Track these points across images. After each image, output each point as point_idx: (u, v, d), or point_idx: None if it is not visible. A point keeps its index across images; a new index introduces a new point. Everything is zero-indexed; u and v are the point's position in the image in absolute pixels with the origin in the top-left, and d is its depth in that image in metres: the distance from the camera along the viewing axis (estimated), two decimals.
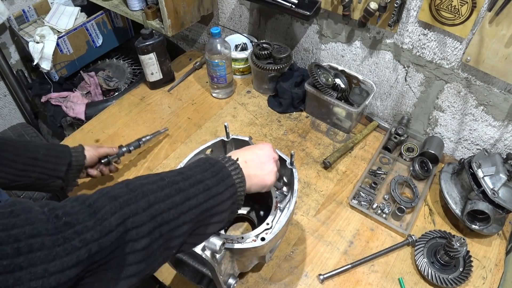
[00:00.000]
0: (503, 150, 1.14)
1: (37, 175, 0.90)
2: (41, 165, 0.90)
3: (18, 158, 0.87)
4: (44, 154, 0.92)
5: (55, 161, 0.93)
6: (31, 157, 0.89)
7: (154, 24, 1.46)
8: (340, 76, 1.31)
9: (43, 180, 0.92)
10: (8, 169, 0.85)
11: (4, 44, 1.89)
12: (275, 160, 0.78)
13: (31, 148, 0.91)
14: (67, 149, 0.98)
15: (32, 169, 0.89)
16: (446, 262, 0.95)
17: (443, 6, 0.97)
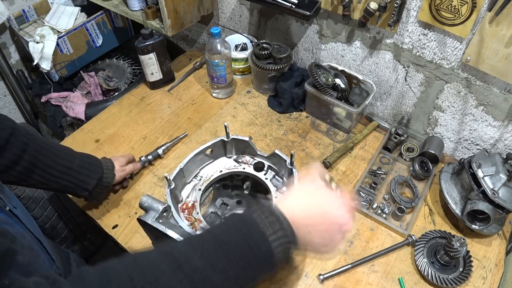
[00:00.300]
0: (503, 150, 1.14)
1: (67, 183, 0.92)
2: (73, 175, 0.92)
3: (54, 165, 0.89)
4: (78, 165, 0.94)
5: (87, 174, 0.95)
6: (65, 166, 0.91)
7: (154, 24, 1.46)
8: (340, 76, 1.31)
9: (71, 188, 0.94)
10: (43, 173, 0.87)
11: (4, 44, 1.89)
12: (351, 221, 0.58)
13: (67, 157, 0.93)
14: (100, 165, 0.99)
15: (64, 177, 0.91)
16: (446, 262, 0.95)
17: (443, 6, 0.97)
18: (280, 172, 0.94)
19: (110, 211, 1.10)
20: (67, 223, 1.60)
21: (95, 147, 1.28)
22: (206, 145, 0.93)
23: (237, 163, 0.97)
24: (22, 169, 0.84)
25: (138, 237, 1.05)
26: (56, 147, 0.93)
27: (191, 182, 0.94)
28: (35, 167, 0.86)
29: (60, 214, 1.56)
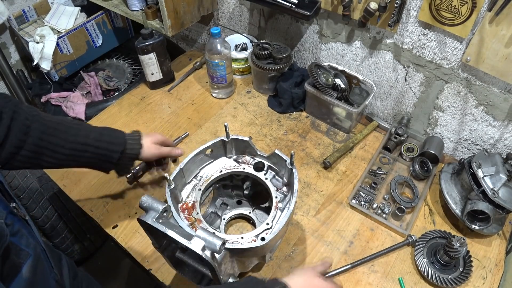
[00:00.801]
0: (503, 150, 1.14)
1: (87, 160, 0.87)
2: (91, 150, 0.86)
3: (66, 144, 0.83)
4: (96, 139, 0.87)
5: (106, 147, 0.88)
6: (80, 142, 0.84)
7: (154, 24, 1.46)
8: (340, 76, 1.31)
9: (94, 164, 0.89)
10: (55, 154, 0.82)
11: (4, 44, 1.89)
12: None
13: (81, 132, 0.86)
14: (122, 135, 0.92)
15: (81, 154, 0.85)
16: (446, 262, 0.95)
17: (443, 6, 0.97)
18: (280, 172, 0.94)
19: (110, 211, 1.10)
20: (67, 223, 1.60)
21: None
22: (206, 145, 0.93)
23: (237, 163, 0.97)
24: (28, 153, 0.79)
25: (138, 237, 1.05)
26: (67, 123, 0.86)
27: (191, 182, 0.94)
28: (44, 149, 0.80)
29: (60, 214, 1.56)
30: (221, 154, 0.99)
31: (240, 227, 1.07)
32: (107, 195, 1.14)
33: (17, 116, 0.77)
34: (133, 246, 1.03)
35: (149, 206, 0.74)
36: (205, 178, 0.94)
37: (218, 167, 0.97)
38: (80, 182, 1.17)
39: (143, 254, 1.01)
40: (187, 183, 0.94)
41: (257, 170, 0.95)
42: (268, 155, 0.95)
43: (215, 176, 0.95)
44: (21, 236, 0.62)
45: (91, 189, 1.15)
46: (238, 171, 0.96)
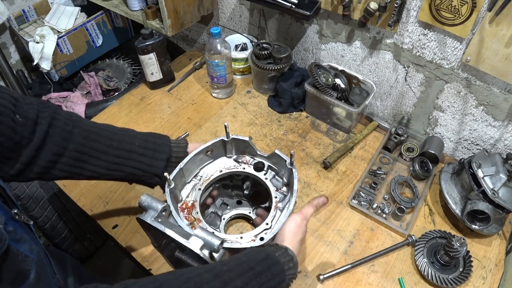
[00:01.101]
0: (503, 150, 1.14)
1: (131, 169, 0.80)
2: (136, 158, 0.79)
3: (111, 150, 0.77)
4: (140, 146, 0.80)
5: (152, 155, 0.81)
6: (125, 149, 0.78)
7: (154, 24, 1.46)
8: (340, 76, 1.31)
9: (137, 176, 0.82)
10: (98, 162, 0.77)
11: (4, 44, 1.89)
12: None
13: (126, 139, 0.80)
14: (167, 142, 0.85)
15: (125, 162, 0.79)
16: (446, 262, 0.95)
17: (443, 6, 0.97)
18: (280, 172, 0.94)
19: (110, 211, 1.10)
20: (67, 223, 1.60)
21: None
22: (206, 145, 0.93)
23: (237, 163, 0.97)
24: (70, 160, 0.74)
25: (138, 237, 1.05)
26: (111, 129, 0.80)
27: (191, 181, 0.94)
28: (86, 155, 0.75)
29: (60, 214, 1.56)
30: (221, 154, 0.98)
31: (240, 227, 1.07)
32: (107, 195, 1.14)
33: (56, 122, 0.72)
34: (133, 246, 1.03)
35: (148, 205, 0.74)
36: (205, 177, 0.94)
37: (218, 167, 0.97)
38: (80, 182, 1.17)
39: (143, 254, 1.01)
40: (187, 182, 0.94)
41: (257, 170, 0.95)
42: (268, 155, 0.95)
43: (215, 176, 0.95)
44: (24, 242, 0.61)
45: (91, 189, 1.15)
46: (238, 171, 0.96)
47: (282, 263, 0.67)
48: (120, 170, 0.79)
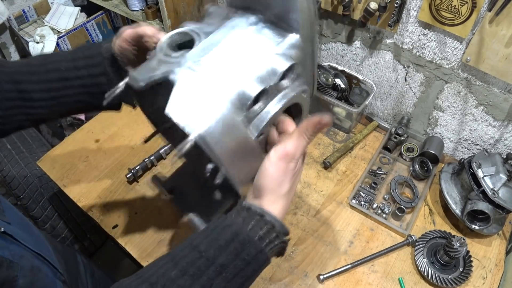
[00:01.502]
0: (503, 150, 1.14)
1: (74, 97, 0.67)
2: (71, 84, 0.66)
3: (40, 86, 0.66)
4: (69, 68, 0.66)
5: (88, 73, 0.66)
6: (54, 80, 0.66)
7: (154, 24, 1.46)
8: (340, 76, 1.31)
9: (86, 102, 0.69)
10: (35, 103, 0.66)
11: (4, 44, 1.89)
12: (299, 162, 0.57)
13: (50, 67, 0.66)
14: (98, 51, 0.67)
15: (64, 93, 0.67)
16: (446, 262, 0.95)
17: (443, 6, 0.97)
18: None
19: (110, 211, 1.10)
20: (67, 223, 1.60)
21: (95, 147, 1.28)
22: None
23: None
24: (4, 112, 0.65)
25: (138, 237, 1.05)
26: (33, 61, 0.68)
27: None
28: (20, 100, 0.65)
29: (60, 214, 1.56)
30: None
31: None
32: (107, 195, 1.14)
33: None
34: (133, 246, 1.03)
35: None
36: None
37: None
38: (80, 182, 1.17)
39: (143, 254, 1.01)
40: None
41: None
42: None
43: None
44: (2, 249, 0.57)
45: (91, 189, 1.16)
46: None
47: (258, 240, 0.49)
48: (65, 103, 0.68)
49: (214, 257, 0.47)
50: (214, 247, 0.48)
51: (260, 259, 0.49)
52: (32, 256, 0.63)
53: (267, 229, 0.50)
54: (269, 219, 0.51)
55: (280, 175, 0.52)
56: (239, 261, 0.48)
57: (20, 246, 0.60)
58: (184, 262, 0.48)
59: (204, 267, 0.47)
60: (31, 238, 0.66)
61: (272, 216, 0.51)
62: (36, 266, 0.62)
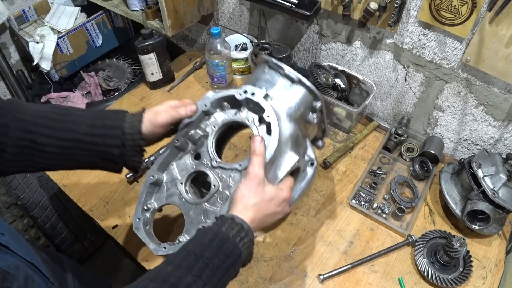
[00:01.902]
0: (503, 150, 1.14)
1: (82, 157, 0.71)
2: (84, 147, 0.69)
3: (52, 141, 0.68)
4: (86, 133, 0.69)
5: (102, 142, 0.70)
6: (68, 139, 0.68)
7: (154, 24, 1.46)
8: (340, 76, 1.31)
9: (94, 164, 0.73)
10: (42, 154, 0.68)
11: (4, 44, 1.89)
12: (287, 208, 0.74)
13: (68, 126, 0.69)
14: (119, 124, 0.71)
15: (74, 152, 0.70)
16: (446, 262, 0.95)
17: (443, 6, 0.97)
18: None
19: (110, 211, 1.10)
20: (67, 223, 1.60)
21: None
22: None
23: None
24: (12, 156, 0.67)
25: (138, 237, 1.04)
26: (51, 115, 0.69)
27: None
28: (29, 149, 0.67)
29: (60, 214, 1.56)
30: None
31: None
32: (107, 195, 1.14)
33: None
34: (133, 246, 1.03)
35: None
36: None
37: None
38: (80, 182, 1.17)
39: (143, 254, 1.01)
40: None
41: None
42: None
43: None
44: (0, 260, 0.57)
45: (91, 189, 1.15)
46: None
47: (232, 237, 0.62)
48: (72, 160, 0.71)
49: (201, 253, 0.59)
50: (200, 245, 0.60)
51: (236, 253, 0.62)
52: (26, 266, 0.62)
53: (238, 229, 0.63)
54: (238, 221, 0.64)
55: (249, 192, 0.67)
56: (221, 254, 0.60)
57: (15, 256, 0.60)
58: (177, 260, 0.58)
59: (194, 261, 0.58)
60: (22, 248, 0.65)
61: (240, 219, 0.64)
62: (30, 276, 0.61)
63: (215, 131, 0.78)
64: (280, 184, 0.73)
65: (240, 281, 0.95)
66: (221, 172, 0.74)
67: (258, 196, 0.67)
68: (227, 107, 0.80)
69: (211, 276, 0.58)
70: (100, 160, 0.72)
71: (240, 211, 0.66)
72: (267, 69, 0.84)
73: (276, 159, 0.74)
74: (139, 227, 0.75)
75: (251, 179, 0.68)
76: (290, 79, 0.82)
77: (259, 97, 0.75)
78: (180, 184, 0.76)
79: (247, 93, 0.75)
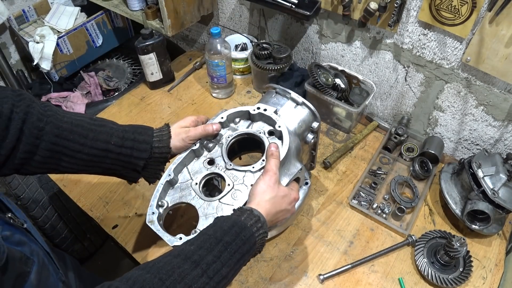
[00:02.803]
0: (503, 150, 1.14)
1: (108, 166, 0.77)
2: (112, 157, 0.76)
3: (84, 149, 0.73)
4: (117, 144, 0.76)
5: (131, 154, 0.77)
6: (99, 148, 0.75)
7: (154, 24, 1.46)
8: (340, 76, 1.31)
9: (116, 172, 0.80)
10: (73, 159, 0.73)
11: (4, 44, 1.89)
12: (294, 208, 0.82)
13: (101, 137, 0.75)
14: (149, 139, 0.80)
15: (101, 160, 0.76)
16: (446, 262, 0.95)
17: (443, 6, 0.97)
18: None
19: (110, 211, 1.10)
20: (67, 223, 1.60)
21: None
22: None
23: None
24: (43, 158, 0.71)
25: (138, 237, 1.05)
26: (86, 124, 0.75)
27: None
28: (60, 154, 0.72)
29: (60, 214, 1.56)
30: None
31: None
32: (107, 195, 1.14)
33: (30, 117, 0.68)
34: (133, 246, 1.03)
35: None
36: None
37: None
38: (80, 182, 1.17)
39: (143, 254, 1.01)
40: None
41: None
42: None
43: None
44: (23, 245, 0.61)
45: (91, 189, 1.15)
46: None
47: (250, 226, 0.66)
48: (97, 167, 0.77)
49: (221, 237, 0.63)
50: (220, 231, 0.64)
51: (252, 241, 0.66)
52: (44, 254, 0.66)
53: (255, 220, 0.68)
54: (256, 213, 0.69)
55: (266, 188, 0.73)
56: (239, 240, 0.64)
57: (37, 243, 0.64)
58: (198, 241, 0.63)
59: (215, 244, 0.62)
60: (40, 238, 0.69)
61: (257, 211, 0.70)
62: (46, 265, 0.65)
63: (229, 140, 0.89)
64: (290, 185, 0.83)
65: (240, 281, 0.95)
66: (235, 174, 0.83)
67: (274, 191, 0.74)
68: (239, 122, 0.93)
69: (228, 258, 0.62)
70: (123, 169, 0.79)
71: (258, 204, 0.72)
72: (274, 94, 0.98)
73: (284, 164, 0.84)
74: (153, 220, 0.77)
75: (270, 176, 0.74)
76: (295, 101, 0.95)
77: (270, 112, 0.88)
78: (194, 184, 0.83)
79: (260, 109, 0.89)
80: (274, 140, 0.87)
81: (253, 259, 1.00)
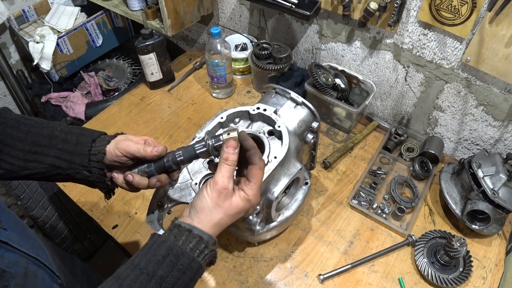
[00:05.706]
0: (503, 150, 1.14)
1: (51, 159, 0.68)
2: (56, 145, 0.68)
3: (28, 136, 0.67)
4: (63, 130, 0.69)
5: (76, 140, 0.69)
6: (44, 135, 0.68)
7: (154, 24, 1.46)
8: (340, 76, 1.31)
9: (62, 169, 0.69)
10: (14, 151, 0.66)
11: (4, 44, 1.89)
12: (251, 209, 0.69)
13: (49, 125, 0.69)
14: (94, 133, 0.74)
15: (44, 150, 0.67)
16: (446, 262, 0.95)
17: (443, 6, 0.97)
18: None
19: (110, 211, 1.10)
20: (67, 223, 1.61)
21: None
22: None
23: None
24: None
25: (138, 237, 1.05)
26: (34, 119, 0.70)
27: None
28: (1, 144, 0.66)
29: (60, 214, 1.56)
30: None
31: None
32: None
33: None
34: (133, 246, 1.03)
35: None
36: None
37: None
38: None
39: None
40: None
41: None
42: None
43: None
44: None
45: (91, 189, 1.14)
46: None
47: (190, 251, 0.57)
48: (39, 161, 0.68)
49: (154, 271, 0.55)
50: (153, 262, 0.56)
51: (194, 267, 0.57)
52: (28, 261, 0.61)
53: (196, 242, 0.58)
54: (196, 232, 0.59)
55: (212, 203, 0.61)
56: (175, 271, 0.56)
57: (16, 252, 0.59)
58: (128, 280, 0.55)
59: (146, 282, 0.54)
60: (28, 242, 0.64)
61: (199, 230, 0.59)
62: (32, 272, 0.60)
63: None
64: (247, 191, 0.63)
65: (240, 281, 0.95)
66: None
67: (222, 210, 0.61)
68: (239, 122, 0.93)
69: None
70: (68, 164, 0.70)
71: (201, 222, 0.61)
72: (274, 94, 0.98)
73: (284, 164, 0.83)
74: (153, 220, 0.78)
75: (218, 191, 0.60)
76: (294, 101, 0.95)
77: (270, 112, 0.87)
78: (194, 184, 0.84)
79: (259, 109, 0.89)
80: (274, 140, 0.86)
81: (253, 259, 1.00)
